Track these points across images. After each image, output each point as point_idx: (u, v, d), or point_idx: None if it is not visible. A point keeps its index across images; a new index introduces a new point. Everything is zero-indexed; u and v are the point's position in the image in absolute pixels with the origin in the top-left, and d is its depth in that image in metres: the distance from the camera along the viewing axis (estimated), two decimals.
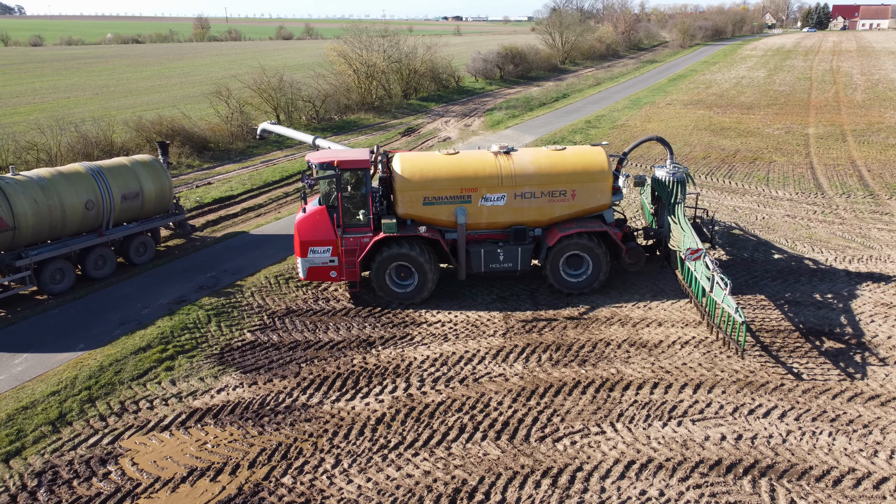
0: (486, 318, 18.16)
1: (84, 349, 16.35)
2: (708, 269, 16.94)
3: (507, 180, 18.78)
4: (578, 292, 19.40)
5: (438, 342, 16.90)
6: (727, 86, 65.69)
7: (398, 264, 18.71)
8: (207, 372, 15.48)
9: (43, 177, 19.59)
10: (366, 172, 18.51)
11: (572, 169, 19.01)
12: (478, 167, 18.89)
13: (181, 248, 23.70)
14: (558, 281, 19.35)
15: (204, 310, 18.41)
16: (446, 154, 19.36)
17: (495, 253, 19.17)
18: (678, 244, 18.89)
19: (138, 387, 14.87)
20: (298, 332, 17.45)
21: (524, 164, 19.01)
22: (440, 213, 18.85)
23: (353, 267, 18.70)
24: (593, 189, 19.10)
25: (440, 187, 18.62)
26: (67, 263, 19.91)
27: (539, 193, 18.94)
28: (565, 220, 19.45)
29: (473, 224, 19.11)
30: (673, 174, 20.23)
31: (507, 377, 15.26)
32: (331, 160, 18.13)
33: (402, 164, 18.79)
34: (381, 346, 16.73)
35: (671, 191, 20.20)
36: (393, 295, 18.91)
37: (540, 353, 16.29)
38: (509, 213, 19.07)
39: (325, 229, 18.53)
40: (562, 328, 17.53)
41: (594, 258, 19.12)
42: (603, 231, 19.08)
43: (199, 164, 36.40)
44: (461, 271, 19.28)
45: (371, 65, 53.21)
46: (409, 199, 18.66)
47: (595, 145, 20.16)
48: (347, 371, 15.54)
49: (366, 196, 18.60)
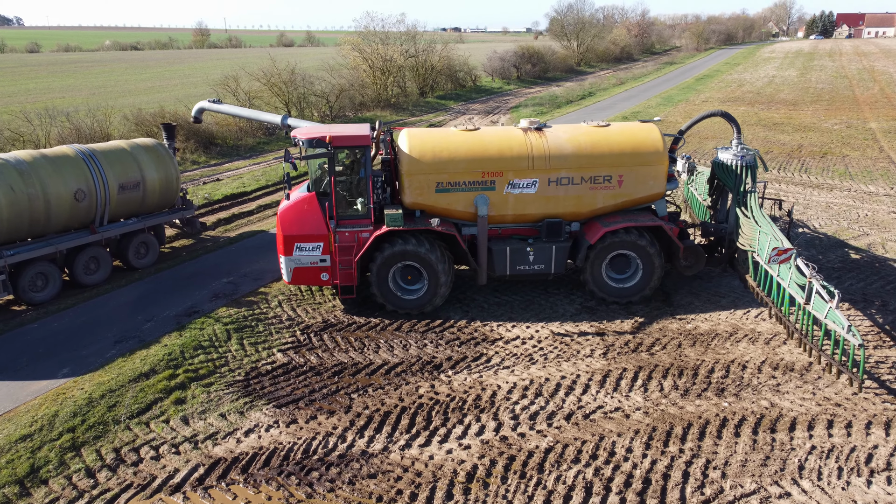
0: (576, 333, 14.47)
1: (68, 375, 12.60)
2: (802, 275, 13.27)
3: (540, 162, 15.16)
4: (625, 301, 15.80)
5: (523, 364, 13.20)
6: (760, 84, 62.38)
7: (404, 265, 15.08)
8: (230, 406, 11.75)
9: (22, 160, 15.90)
10: (365, 151, 14.91)
11: (619, 149, 15.38)
12: (503, 146, 15.26)
13: (190, 249, 19.97)
14: (600, 286, 15.75)
15: (221, 323, 14.68)
16: (464, 130, 15.72)
17: (524, 252, 15.50)
18: (750, 242, 15.29)
19: (139, 427, 11.13)
20: (342, 351, 13.73)
21: (560, 144, 15.37)
22: (456, 202, 15.21)
23: (348, 268, 15.06)
24: (644, 174, 15.47)
25: (457, 170, 15.00)
26: (52, 266, 16.18)
27: (578, 179, 15.32)
28: (609, 213, 15.84)
29: (497, 216, 15.49)
30: (741, 157, 16.54)
31: (626, 412, 11.55)
32: (322, 136, 14.55)
33: (410, 141, 15.16)
34: (451, 370, 13.01)
35: (739, 177, 16.55)
36: (397, 302, 15.27)
37: (658, 378, 12.60)
38: (541, 203, 15.45)
39: (314, 221, 14.91)
40: (676, 346, 13.84)
41: (645, 259, 15.48)
42: (656, 226, 15.45)
43: (206, 160, 32.76)
44: (481, 274, 15.60)
45: (388, 59, 49.71)
46: (418, 185, 15.02)
47: (645, 122, 16.51)
48: (414, 404, 11.83)
49: (365, 181, 14.99)
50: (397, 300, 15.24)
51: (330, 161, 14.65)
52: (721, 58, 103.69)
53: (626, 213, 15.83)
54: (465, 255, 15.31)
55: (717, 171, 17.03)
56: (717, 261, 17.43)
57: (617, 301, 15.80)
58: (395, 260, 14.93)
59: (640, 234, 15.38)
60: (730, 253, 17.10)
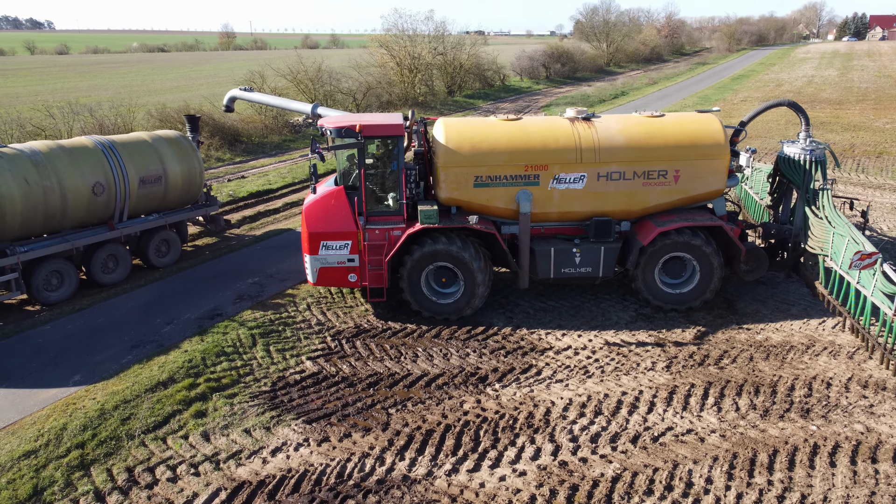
0: (634, 343, 13.12)
1: (80, 383, 11.53)
2: (891, 283, 11.77)
3: (589, 155, 13.86)
4: (682, 308, 14.43)
5: (578, 378, 11.88)
6: (800, 84, 60.28)
7: (439, 266, 13.85)
8: (256, 420, 10.58)
9: (38, 150, 14.93)
10: (398, 142, 13.72)
11: (676, 141, 14.02)
12: (548, 137, 13.98)
13: (213, 247, 18.92)
14: (653, 292, 14.40)
15: (246, 328, 13.55)
16: (505, 119, 14.43)
17: (569, 253, 14.17)
18: (822, 245, 13.83)
19: (155, 443, 10.00)
20: (377, 360, 12.52)
21: (611, 135, 14.05)
22: (496, 198, 13.96)
23: (378, 269, 13.86)
24: (704, 169, 14.08)
25: (497, 163, 13.75)
26: (68, 264, 15.20)
27: (630, 174, 13.99)
28: (663, 211, 14.47)
29: (541, 214, 14.21)
30: (811, 151, 15.03)
31: (700, 435, 10.18)
32: (352, 124, 13.33)
33: (446, 131, 13.93)
34: (498, 383, 11.73)
35: (809, 174, 15.02)
36: (430, 306, 14.05)
37: (732, 396, 11.20)
38: (589, 200, 14.14)
39: (342, 218, 13.75)
40: (747, 359, 12.43)
41: (703, 262, 14.08)
42: (716, 226, 14.04)
43: (231, 157, 31.85)
44: (523, 277, 14.28)
45: (416, 56, 48.59)
46: (454, 179, 13.78)
47: (703, 111, 15.08)
48: (459, 421, 10.57)
49: (398, 174, 13.80)
50: (431, 304, 14.04)
51: (360, 152, 13.49)
52: (754, 58, 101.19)
53: (681, 212, 14.47)
54: (505, 255, 14.04)
55: (782, 166, 15.56)
56: (779, 265, 15.98)
57: (675, 308, 14.45)
58: (429, 260, 13.73)
59: (698, 234, 14.01)
60: (795, 257, 15.64)
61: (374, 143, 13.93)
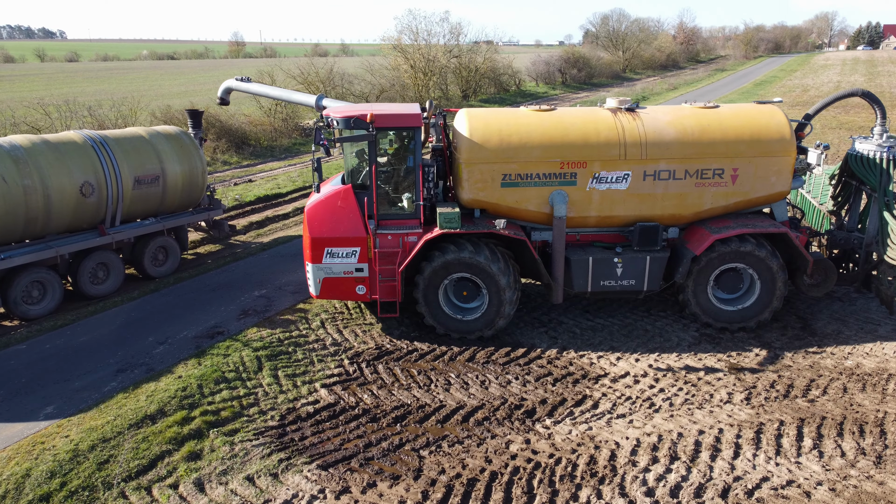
0: (702, 369, 11.23)
1: (52, 417, 9.72)
2: None
3: (633, 151, 12.04)
4: (737, 327, 12.59)
5: (643, 412, 9.99)
6: (826, 89, 58.30)
7: (460, 277, 12.09)
8: (260, 465, 8.75)
9: (18, 145, 13.24)
10: (415, 134, 11.94)
11: (735, 136, 12.18)
12: (588, 131, 12.16)
13: (216, 255, 17.14)
14: (706, 309, 12.59)
15: (251, 348, 11.74)
16: (538, 110, 12.60)
17: (610, 263, 12.37)
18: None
19: (137, 494, 8.17)
20: (403, 388, 10.68)
21: (659, 128, 12.22)
22: (527, 199, 12.18)
23: (391, 279, 12.10)
24: (766, 168, 12.24)
25: (529, 159, 11.97)
26: (51, 274, 13.47)
27: (681, 173, 12.18)
28: (717, 216, 12.68)
29: (578, 218, 12.44)
30: (888, 149, 13.09)
31: (803, 488, 8.28)
32: (362, 114, 11.57)
33: (470, 122, 12.15)
34: (549, 419, 9.86)
35: (886, 174, 13.03)
36: (449, 324, 12.31)
37: (832, 437, 9.30)
38: (634, 203, 12.34)
39: (350, 221, 11.97)
40: (840, 390, 10.52)
41: (765, 275, 12.26)
42: (780, 233, 12.19)
43: (238, 160, 30.21)
44: (557, 290, 12.43)
45: (430, 59, 46.95)
46: (479, 178, 12.01)
47: (764, 103, 13.19)
48: (506, 467, 8.70)
49: (414, 171, 12.03)
50: (449, 321, 12.29)
51: (371, 146, 11.74)
52: (774, 65, 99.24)
53: (738, 217, 12.65)
54: (536, 265, 12.22)
55: (853, 165, 13.62)
56: (847, 279, 14.07)
57: (726, 328, 12.59)
58: (448, 271, 11.96)
59: (760, 243, 12.17)
60: (866, 269, 13.72)
61: (387, 137, 12.21)
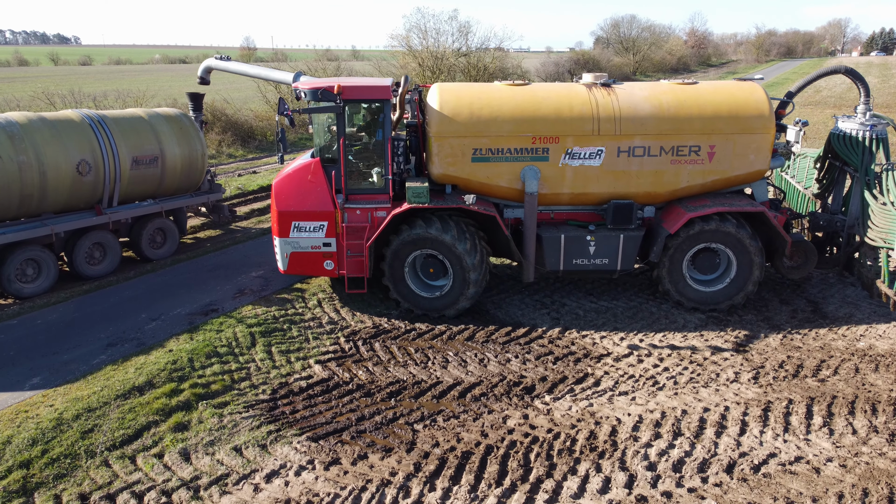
0: (708, 350, 10.87)
1: (38, 387, 9.49)
2: None
3: (607, 126, 11.74)
4: (710, 309, 12.27)
5: (646, 390, 9.65)
6: (840, 90, 57.83)
7: (426, 254, 11.85)
8: (249, 436, 8.47)
9: (14, 121, 13.08)
10: (384, 107, 11.73)
11: (713, 112, 11.85)
12: (560, 105, 11.86)
13: (216, 240, 16.94)
14: (680, 290, 12.30)
15: (245, 325, 11.49)
16: (511, 84, 12.29)
17: (583, 241, 12.09)
18: (885, 237, 11.72)
19: (120, 463, 7.92)
20: (399, 365, 10.38)
21: (635, 103, 11.90)
22: (498, 174, 11.91)
23: (359, 255, 11.89)
24: (744, 145, 11.92)
25: (500, 133, 11.70)
26: (46, 253, 13.28)
27: (657, 149, 11.86)
28: (694, 195, 12.37)
29: (550, 195, 12.15)
30: (871, 127, 12.74)
31: (813, 464, 7.91)
32: (330, 85, 11.42)
33: (441, 96, 11.89)
34: (549, 395, 9.54)
35: (869, 152, 12.72)
36: (414, 300, 12.08)
37: (844, 415, 8.92)
38: (608, 180, 12.04)
39: (317, 195, 11.82)
40: (851, 370, 10.13)
41: (741, 255, 11.95)
42: (757, 212, 11.87)
43: (243, 153, 30.11)
44: (528, 269, 12.22)
45: (439, 56, 46.70)
46: (450, 152, 11.74)
47: (744, 80, 12.87)
48: (503, 441, 8.38)
49: (383, 145, 11.80)
50: (414, 297, 12.11)
51: (339, 118, 11.56)
52: (786, 68, 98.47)
53: (716, 197, 12.33)
54: (508, 243, 11.97)
55: (835, 144, 13.27)
56: (829, 262, 13.72)
57: (698, 308, 12.31)
58: (415, 247, 11.76)
59: (737, 222, 11.87)
60: (849, 252, 13.39)
61: (360, 108, 12.06)
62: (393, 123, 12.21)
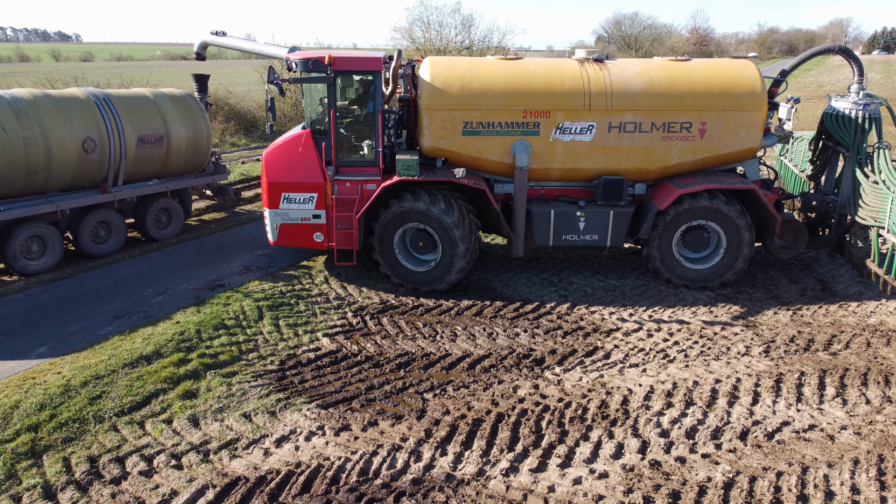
0: (718, 324, 10.81)
1: (45, 356, 9.44)
2: None
3: (598, 101, 11.69)
4: (700, 287, 12.23)
5: (657, 362, 9.59)
6: (843, 85, 57.54)
7: (415, 227, 11.82)
8: (258, 403, 8.42)
9: (20, 97, 13.01)
10: (375, 78, 11.71)
11: (705, 88, 11.80)
12: (552, 79, 11.81)
13: (220, 222, 16.87)
14: (670, 267, 12.25)
15: (252, 299, 11.42)
16: (503, 59, 12.23)
17: (572, 217, 12.08)
18: (877, 215, 11.64)
19: (129, 428, 7.86)
20: (408, 338, 10.32)
21: (626, 79, 11.87)
22: (488, 148, 11.89)
23: (348, 227, 11.90)
24: (735, 122, 11.85)
25: (491, 107, 11.66)
26: (51, 230, 13.20)
27: (648, 125, 11.84)
28: (685, 172, 12.32)
29: (541, 170, 12.13)
30: (864, 106, 12.66)
31: (826, 432, 7.85)
32: (321, 56, 11.43)
33: (433, 69, 11.86)
34: (559, 367, 9.47)
35: (861, 130, 12.62)
36: (402, 274, 12.11)
37: (857, 386, 8.86)
38: (598, 155, 12.01)
39: (307, 167, 11.84)
40: (863, 345, 10.07)
41: (731, 233, 11.90)
42: (747, 190, 11.83)
43: (246, 143, 30.09)
44: (517, 244, 12.21)
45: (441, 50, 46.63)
46: (440, 125, 11.72)
47: (738, 58, 12.83)
48: (514, 410, 8.32)
49: (374, 117, 11.75)
50: (404, 271, 12.10)
51: (330, 90, 11.56)
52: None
53: (706, 174, 12.28)
54: (498, 218, 11.94)
55: (828, 124, 13.20)
56: (821, 242, 13.67)
57: (687, 286, 12.28)
58: (404, 220, 11.74)
59: (727, 199, 11.81)
60: (840, 232, 13.31)
61: (352, 79, 12.04)
62: (385, 98, 12.20)
